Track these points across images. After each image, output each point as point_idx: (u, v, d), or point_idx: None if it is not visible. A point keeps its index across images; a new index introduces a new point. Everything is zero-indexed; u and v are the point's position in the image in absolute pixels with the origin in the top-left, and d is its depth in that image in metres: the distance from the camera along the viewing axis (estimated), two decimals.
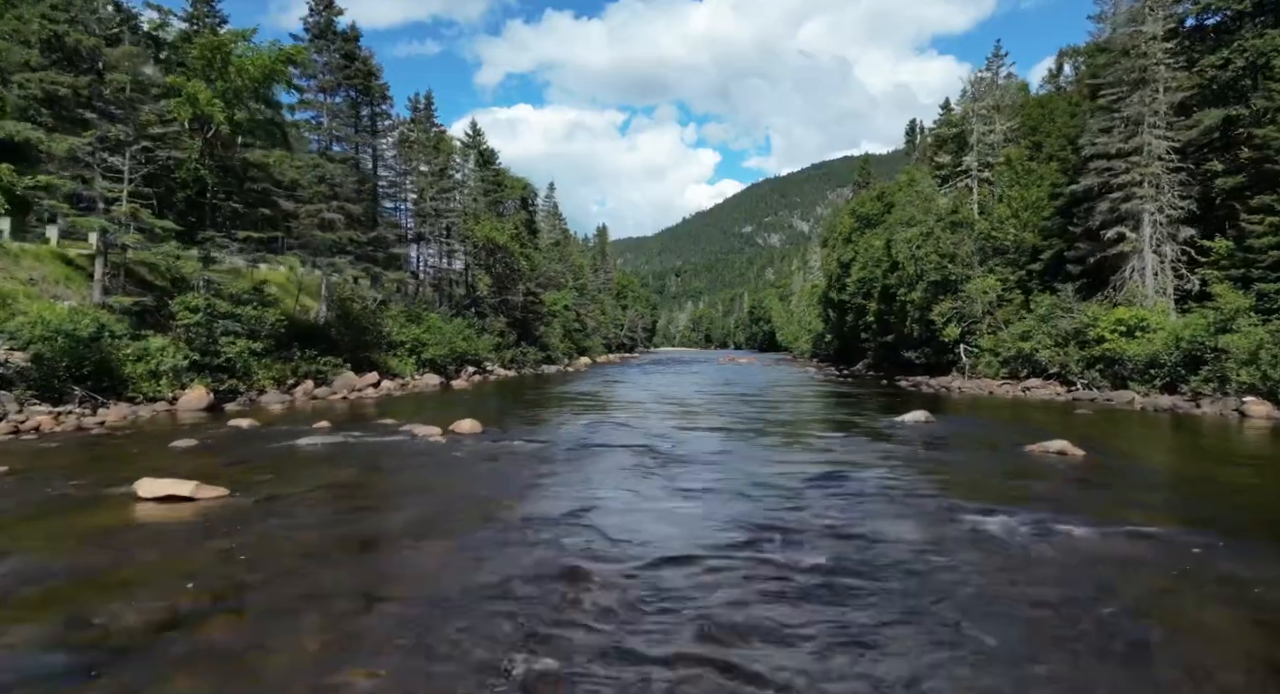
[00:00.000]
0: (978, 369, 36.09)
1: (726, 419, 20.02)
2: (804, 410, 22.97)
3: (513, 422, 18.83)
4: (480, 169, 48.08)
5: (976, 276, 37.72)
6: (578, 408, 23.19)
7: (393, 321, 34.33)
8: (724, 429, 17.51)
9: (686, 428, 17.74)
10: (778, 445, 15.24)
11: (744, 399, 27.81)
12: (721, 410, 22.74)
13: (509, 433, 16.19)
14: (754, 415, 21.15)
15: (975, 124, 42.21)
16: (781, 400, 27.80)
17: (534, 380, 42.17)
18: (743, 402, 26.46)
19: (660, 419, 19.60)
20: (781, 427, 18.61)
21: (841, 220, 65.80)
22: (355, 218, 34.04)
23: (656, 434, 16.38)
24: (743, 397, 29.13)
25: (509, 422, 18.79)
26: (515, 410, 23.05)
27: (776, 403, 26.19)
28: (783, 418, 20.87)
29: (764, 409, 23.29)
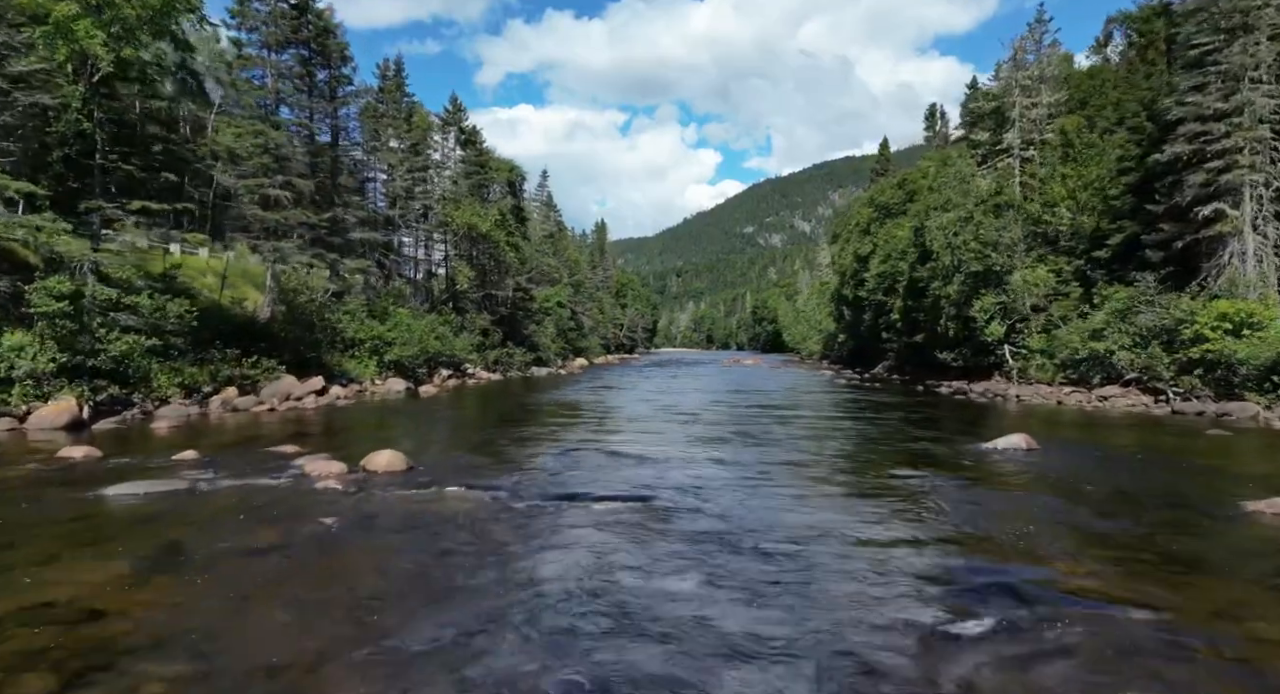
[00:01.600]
0: (1028, 373, 31.18)
1: (753, 445, 15.08)
2: (849, 430, 17.96)
3: (462, 450, 13.85)
4: (461, 149, 43.15)
5: (1024, 267, 32.84)
6: (560, 425, 18.24)
7: (349, 317, 29.40)
8: (756, 464, 12.49)
9: (702, 460, 12.80)
10: (847, 497, 10.18)
11: (765, 412, 22.88)
12: (742, 429, 17.81)
13: (446, 472, 11.22)
14: (788, 439, 16.20)
15: (1018, 96, 37.30)
16: (812, 414, 22.85)
17: (520, 385, 37.25)
18: (765, 416, 21.52)
19: (665, 445, 14.65)
20: (835, 459, 13.51)
21: (858, 211, 60.88)
22: (306, 196, 29.12)
23: (661, 472, 11.46)
24: (763, 409, 24.20)
25: (457, 450, 13.83)
26: (477, 430, 18.10)
27: (808, 418, 21.23)
28: (828, 443, 15.84)
29: (797, 428, 18.33)
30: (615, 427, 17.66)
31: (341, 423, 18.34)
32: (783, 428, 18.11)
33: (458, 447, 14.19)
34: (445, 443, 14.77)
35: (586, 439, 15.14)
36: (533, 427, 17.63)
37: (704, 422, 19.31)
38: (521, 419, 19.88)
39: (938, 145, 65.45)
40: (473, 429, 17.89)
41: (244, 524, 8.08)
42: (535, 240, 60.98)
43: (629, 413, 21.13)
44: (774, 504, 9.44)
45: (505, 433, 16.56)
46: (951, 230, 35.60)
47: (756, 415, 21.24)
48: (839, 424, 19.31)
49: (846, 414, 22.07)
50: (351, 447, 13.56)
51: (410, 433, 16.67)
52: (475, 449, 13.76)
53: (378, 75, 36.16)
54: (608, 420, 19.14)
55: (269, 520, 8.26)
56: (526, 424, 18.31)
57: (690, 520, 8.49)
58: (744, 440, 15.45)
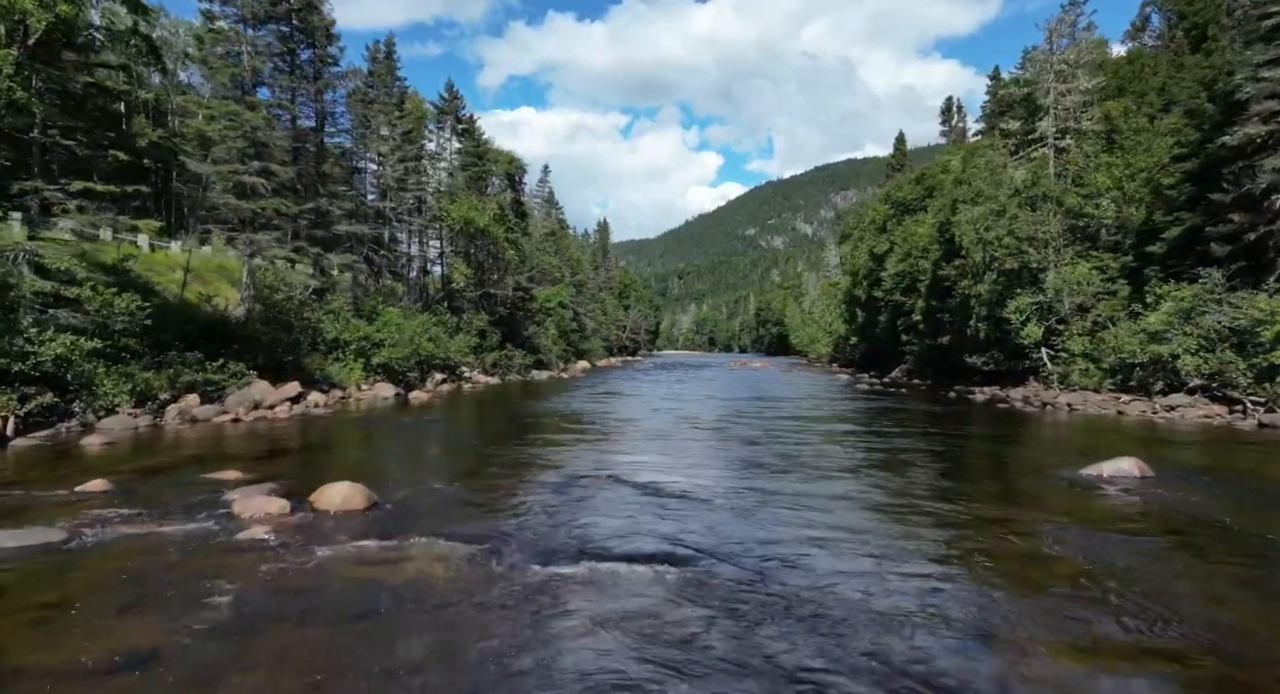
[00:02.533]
0: (1070, 378, 28.68)
1: (796, 471, 12.57)
2: (904, 449, 15.18)
3: (442, 478, 11.28)
4: (457, 139, 40.73)
5: (1064, 263, 30.37)
6: (563, 442, 15.72)
7: (332, 317, 26.97)
8: (809, 501, 9.85)
9: (742, 494, 10.31)
10: (962, 559, 7.48)
11: (796, 425, 20.38)
12: (777, 449, 15.32)
13: (417, 512, 8.74)
14: (835, 460, 13.68)
15: (1052, 81, 34.84)
16: (850, 427, 20.34)
17: (519, 390, 34.80)
18: (798, 429, 19.01)
19: (690, 471, 12.11)
20: (909, 493, 10.59)
21: (874, 208, 58.38)
22: (287, 184, 26.75)
23: (693, 514, 8.96)
24: (792, 420, 21.70)
25: (436, 478, 11.26)
26: (465, 449, 15.60)
27: (848, 433, 18.70)
28: (889, 468, 13.08)
29: (840, 445, 15.80)
30: (627, 445, 15.17)
31: (309, 438, 15.87)
32: (823, 444, 15.61)
33: (438, 473, 11.65)
34: (424, 467, 12.27)
35: (595, 463, 12.66)
36: (531, 444, 15.14)
37: (729, 437, 16.81)
38: (519, 433, 17.40)
39: (953, 140, 63.04)
40: (460, 447, 15.38)
41: (104, 610, 5.61)
42: (536, 238, 58.58)
43: (641, 426, 18.63)
44: (859, 569, 6.91)
45: (498, 452, 14.07)
46: (983, 225, 33.13)
47: (787, 429, 18.74)
48: (888, 441, 16.78)
49: (889, 427, 19.56)
50: (310, 471, 11.12)
51: (386, 451, 14.21)
52: (459, 476, 11.23)
53: (367, 58, 33.83)
54: (617, 436, 16.65)
55: (148, 601, 5.78)
56: (524, 440, 15.83)
57: (747, 596, 6.02)
58: (783, 464, 12.95)
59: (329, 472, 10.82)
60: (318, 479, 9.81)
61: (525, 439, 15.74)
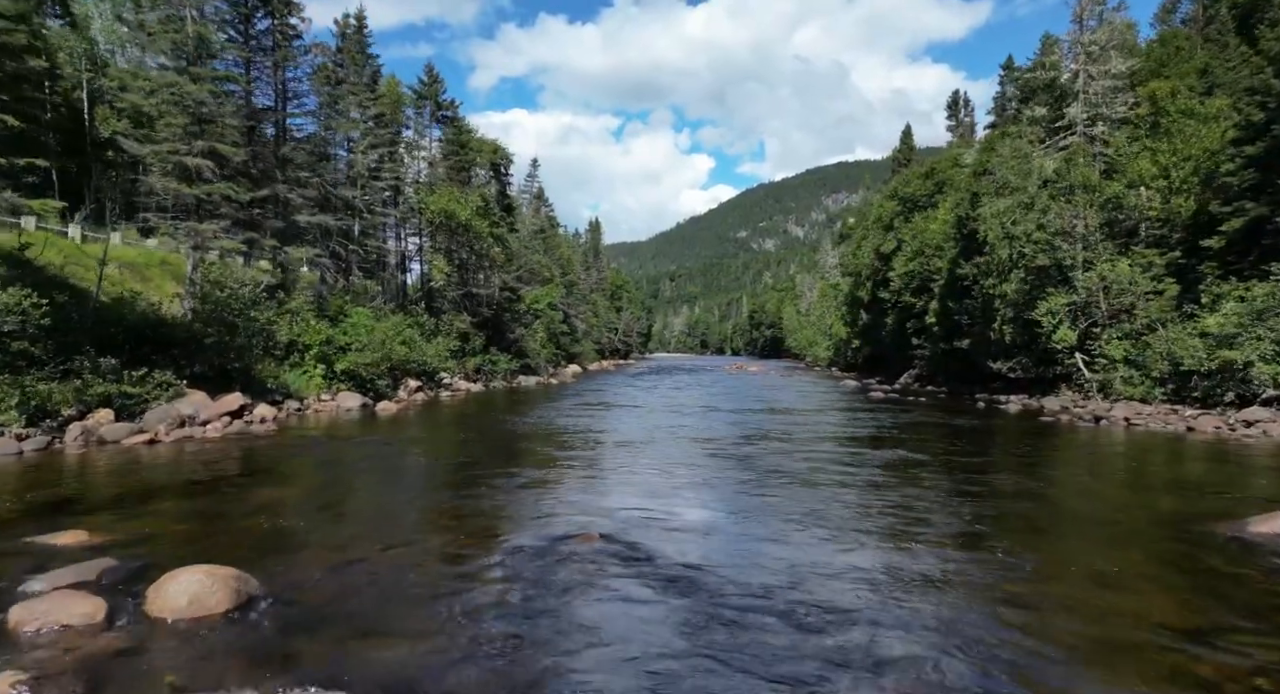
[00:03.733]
0: (1112, 387, 25.96)
1: (846, 514, 9.61)
2: (967, 485, 12.10)
3: (366, 545, 7.66)
4: (437, 125, 37.64)
5: (1101, 260, 27.66)
6: (540, 480, 12.41)
7: (290, 317, 23.86)
8: (893, 592, 6.96)
9: (775, 568, 7.33)
10: None
11: (820, 449, 17.46)
12: (807, 478, 12.38)
13: (305, 621, 5.52)
14: (881, 499, 10.71)
15: (1083, 63, 32.23)
16: (886, 452, 17.41)
17: (503, 399, 31.75)
18: (826, 458, 16.09)
19: (700, 533, 9.05)
20: (1024, 567, 7.60)
21: (880, 205, 55.67)
22: (240, 169, 23.66)
23: (711, 615, 5.99)
24: (812, 442, 18.78)
25: (357, 544, 7.65)
26: (415, 488, 12.41)
27: (892, 459, 15.74)
28: (970, 520, 10.14)
29: (889, 477, 12.87)
30: (623, 484, 12.08)
31: (225, 468, 12.75)
32: (865, 475, 12.67)
33: (368, 536, 8.23)
34: (352, 522, 9.10)
35: (583, 514, 9.62)
36: (504, 481, 12.03)
37: (747, 470, 13.79)
38: (492, 463, 14.32)
39: (961, 135, 60.60)
40: (413, 487, 12.20)
41: None
42: (524, 236, 55.53)
43: (639, 453, 15.53)
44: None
45: (461, 496, 10.97)
46: (1009, 218, 30.43)
47: (816, 456, 15.78)
48: (949, 476, 13.82)
49: (937, 453, 16.64)
50: (192, 528, 8.07)
51: (312, 494, 11.07)
52: (397, 542, 8.02)
53: (336, 34, 30.72)
54: (612, 469, 13.59)
55: None
56: (496, 475, 12.73)
57: None
58: (831, 511, 9.99)
59: (214, 534, 7.79)
60: (192, 544, 6.77)
61: (498, 472, 12.69)
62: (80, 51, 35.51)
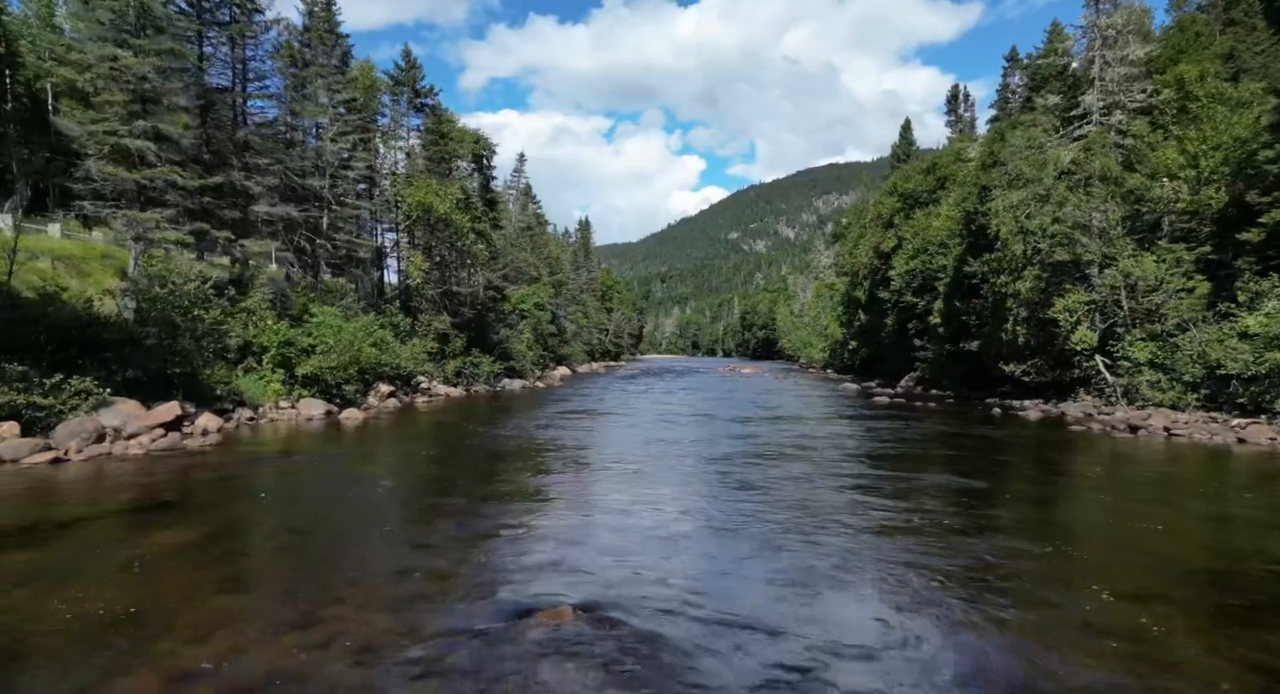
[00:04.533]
0: (1137, 391, 24.17)
1: (892, 570, 7.66)
2: (1047, 522, 10.20)
3: (258, 626, 5.97)
4: (416, 114, 35.45)
5: (1124, 255, 25.88)
6: (512, 521, 9.75)
7: (245, 316, 21.66)
8: None
9: (820, 662, 5.33)
10: None
11: (832, 463, 15.46)
12: (826, 515, 10.36)
13: None
14: (940, 551, 8.76)
15: (1099, 49, 30.48)
16: (899, 463, 15.39)
17: (484, 405, 29.63)
18: (840, 474, 14.09)
19: (713, 604, 7.01)
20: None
21: (880, 201, 53.86)
22: (190, 154, 21.47)
23: None
24: (822, 456, 16.80)
25: (249, 624, 5.93)
26: (353, 533, 10.02)
27: (907, 482, 13.74)
28: (1029, 557, 8.24)
29: (922, 510, 10.88)
30: (614, 521, 9.95)
31: (127, 495, 10.57)
32: (901, 510, 10.67)
33: (263, 611, 5.93)
34: (245, 591, 6.80)
35: (562, 567, 7.54)
36: (467, 519, 9.71)
37: (762, 498, 11.72)
38: (457, 490, 12.13)
39: (960, 131, 58.95)
40: (350, 528, 9.72)
41: None
42: (510, 233, 53.35)
43: (631, 477, 13.29)
44: None
45: (407, 542, 8.75)
46: (1023, 211, 28.60)
47: (835, 480, 13.79)
48: (988, 501, 11.87)
49: (964, 469, 14.69)
50: (13, 594, 5.96)
51: (213, 538, 8.74)
52: (299, 623, 5.83)
53: (303, 12, 28.41)
54: (599, 497, 11.45)
55: None
56: (459, 509, 10.45)
57: None
58: (869, 566, 7.99)
59: (32, 608, 5.68)
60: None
61: (459, 508, 10.54)
62: (43, 40, 33.14)
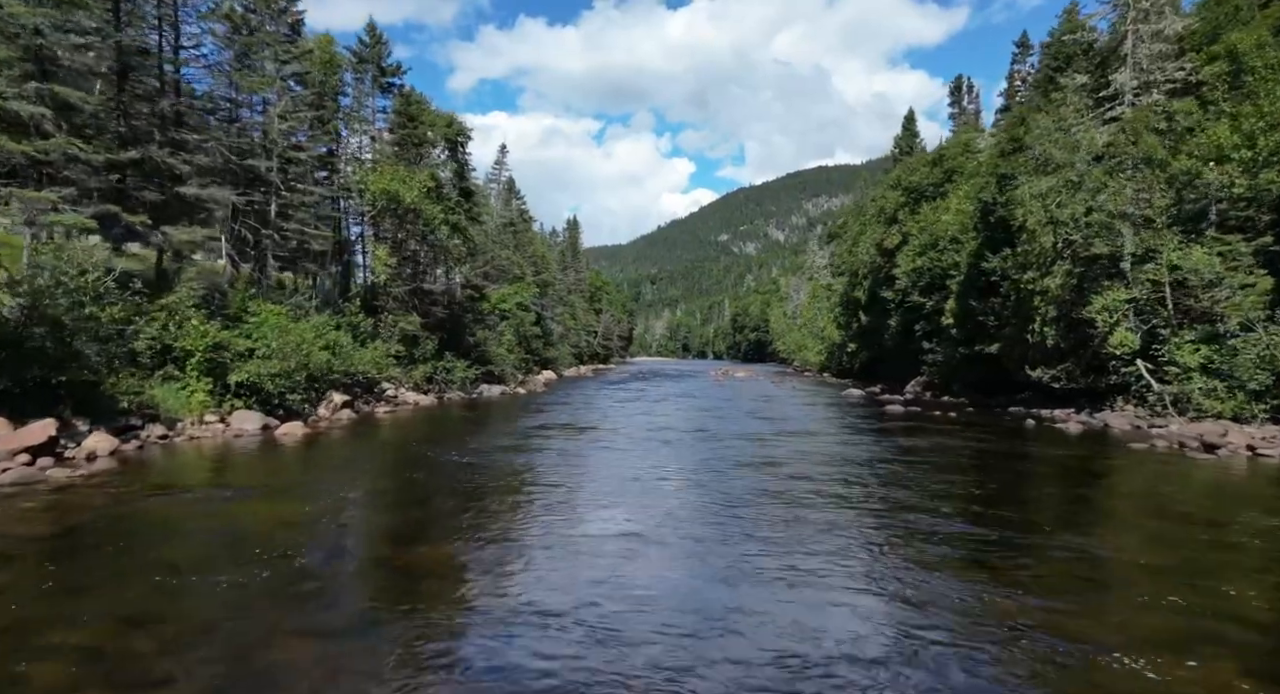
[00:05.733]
0: (1191, 401, 21.41)
1: None
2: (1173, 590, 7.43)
3: None
4: (384, 95, 32.29)
5: (1170, 248, 23.17)
6: (454, 612, 7.26)
7: (164, 316, 18.42)
8: None
9: None
10: None
11: (862, 502, 12.49)
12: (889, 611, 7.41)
13: None
14: None
15: (1132, 22, 27.81)
16: (944, 499, 12.44)
17: (453, 415, 26.51)
18: (880, 521, 11.12)
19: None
20: None
21: (882, 195, 51.13)
22: (102, 124, 18.27)
23: None
24: (848, 491, 13.82)
25: None
26: (181, 602, 7.06)
27: (970, 536, 10.77)
28: None
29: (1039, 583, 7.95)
30: (593, 633, 6.99)
31: None
32: (977, 591, 7.72)
33: None
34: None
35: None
36: (378, 620, 6.74)
37: (794, 569, 8.74)
38: (380, 553, 9.00)
39: (964, 123, 56.44)
40: (202, 624, 6.82)
41: None
42: (491, 229, 50.19)
43: (618, 537, 10.16)
44: None
45: (273, 669, 5.78)
46: (1053, 200, 25.85)
47: (869, 514, 10.83)
48: (1093, 568, 8.95)
49: (1027, 506, 11.75)
50: None
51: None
52: None
53: None
54: (571, 580, 8.41)
55: None
56: (382, 588, 7.41)
57: None
58: None
59: None
60: None
61: (372, 596, 7.44)
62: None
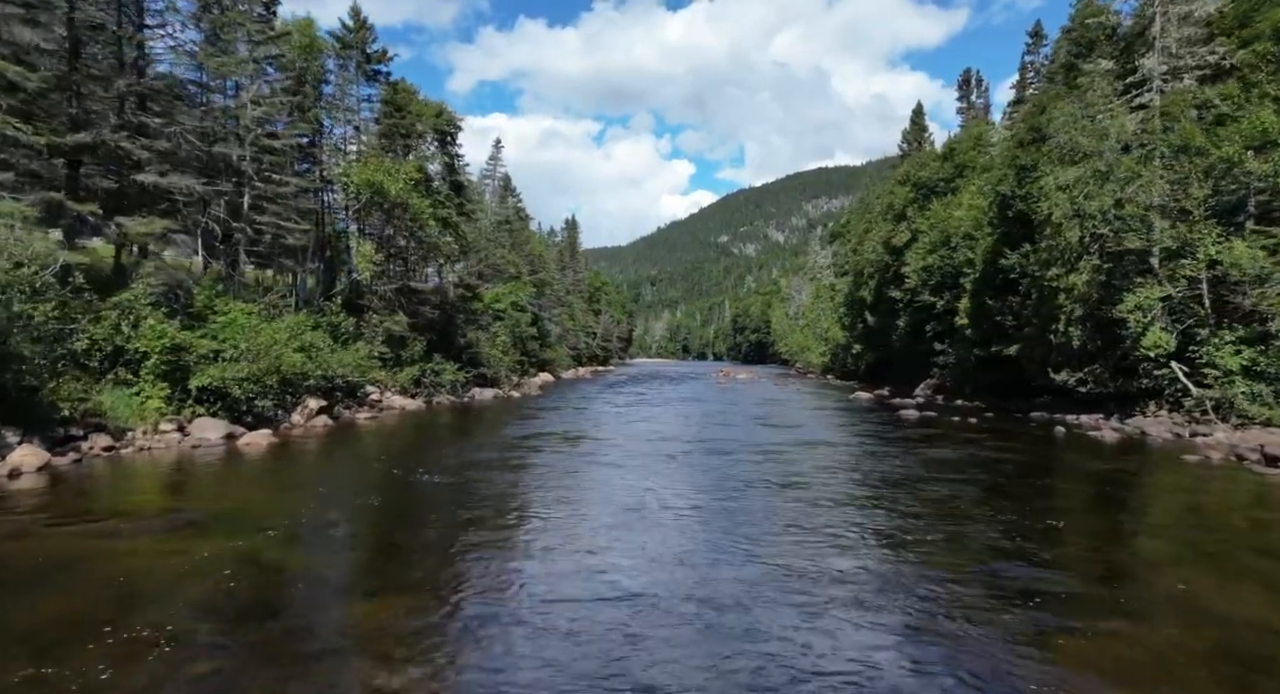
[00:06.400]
0: (1234, 406, 19.79)
1: None
2: None
3: None
4: (370, 84, 30.62)
5: (1208, 242, 21.54)
6: None
7: (115, 313, 16.76)
8: None
9: None
10: None
11: (935, 540, 10.82)
12: None
13: None
14: None
15: (1161, 4, 26.17)
16: (1030, 547, 10.79)
17: (441, 421, 24.86)
18: (967, 578, 9.44)
19: None
20: None
21: (891, 191, 49.48)
22: (43, 103, 16.64)
23: None
24: (912, 522, 12.08)
25: None
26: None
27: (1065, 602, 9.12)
28: None
29: None
30: None
31: None
32: None
33: None
34: None
35: None
36: None
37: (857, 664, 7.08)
38: (321, 606, 7.46)
39: (973, 118, 54.83)
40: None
41: None
42: (486, 226, 48.54)
43: (625, 572, 8.49)
44: None
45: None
46: (1080, 191, 24.22)
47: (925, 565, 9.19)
48: None
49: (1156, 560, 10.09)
50: None
51: None
52: None
53: None
54: (567, 643, 6.80)
55: None
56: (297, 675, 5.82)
57: None
58: None
59: None
60: None
61: (297, 662, 5.83)
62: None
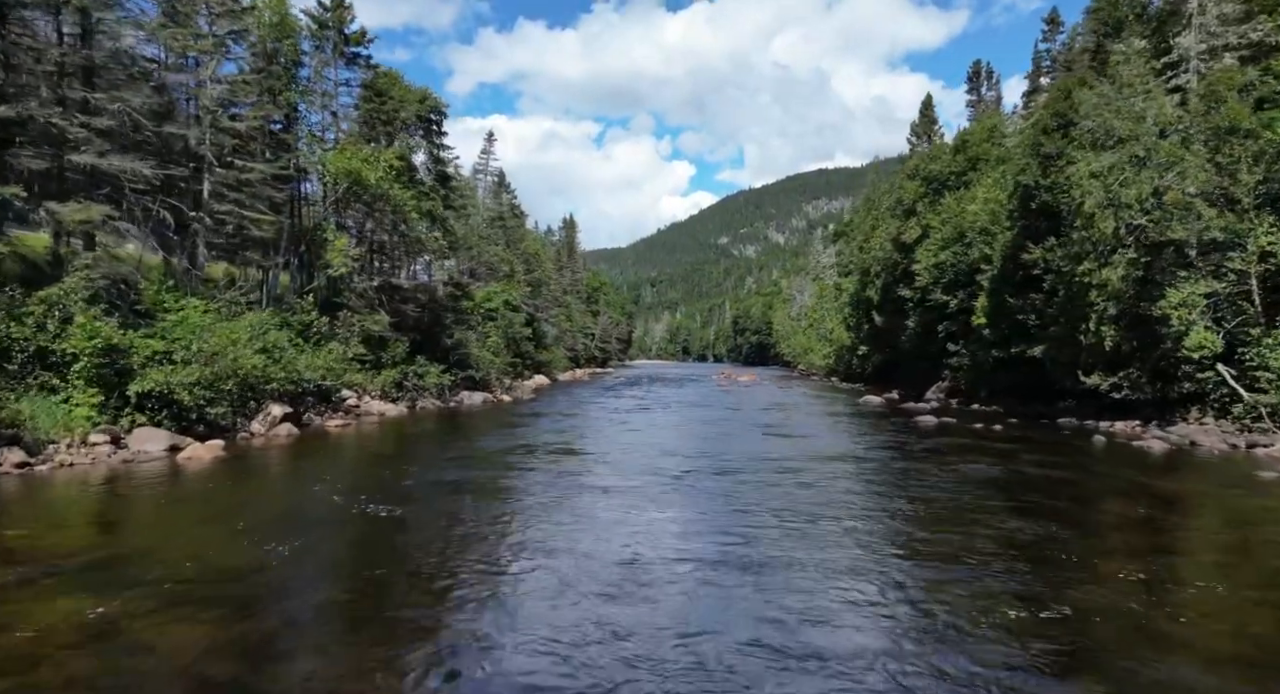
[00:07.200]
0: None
1: None
2: None
3: None
4: (348, 67, 28.72)
5: (1260, 232, 19.64)
6: None
7: (41, 312, 14.82)
8: None
9: None
10: None
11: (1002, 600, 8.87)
12: None
13: None
14: None
15: None
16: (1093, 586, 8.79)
17: (423, 430, 22.92)
18: None
19: None
20: None
21: (900, 185, 47.55)
22: None
23: None
24: (992, 564, 10.17)
25: None
26: None
27: None
28: None
29: None
30: None
31: None
32: None
33: None
34: None
35: None
36: None
37: None
38: None
39: (983, 112, 52.95)
40: None
41: None
42: (478, 223, 46.60)
43: (617, 671, 6.70)
44: None
45: None
46: (1115, 179, 22.27)
47: None
48: None
49: None
50: None
51: None
52: None
53: None
54: None
55: None
56: None
57: None
58: None
59: None
60: None
61: None
62: None
